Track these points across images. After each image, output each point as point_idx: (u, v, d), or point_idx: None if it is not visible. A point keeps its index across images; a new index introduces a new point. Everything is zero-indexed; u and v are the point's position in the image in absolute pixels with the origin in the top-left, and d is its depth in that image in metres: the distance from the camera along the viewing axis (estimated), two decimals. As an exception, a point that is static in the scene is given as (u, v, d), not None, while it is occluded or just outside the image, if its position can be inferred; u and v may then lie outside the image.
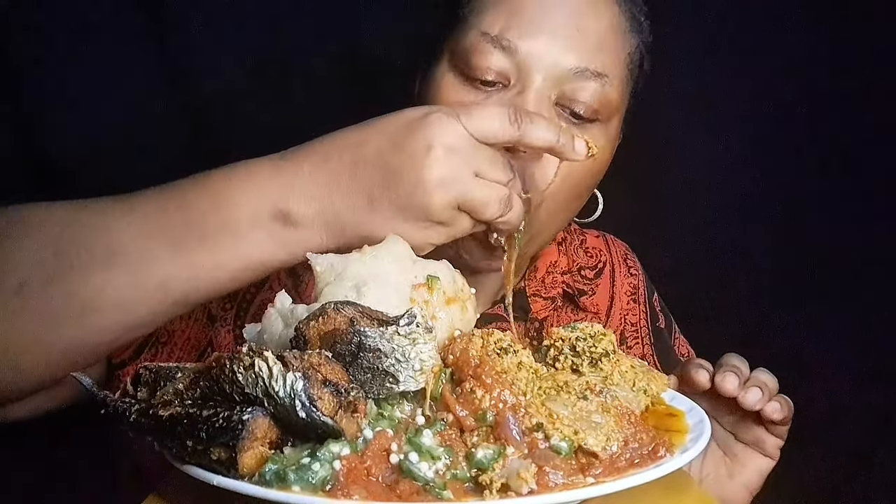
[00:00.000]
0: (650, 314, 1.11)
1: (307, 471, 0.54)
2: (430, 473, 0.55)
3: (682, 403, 0.72)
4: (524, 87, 0.85)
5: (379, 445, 0.56)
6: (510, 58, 0.85)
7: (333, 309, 0.59)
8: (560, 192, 0.87)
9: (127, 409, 0.60)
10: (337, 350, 0.58)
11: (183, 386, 0.59)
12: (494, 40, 0.85)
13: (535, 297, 1.02)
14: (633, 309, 1.09)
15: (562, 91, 0.85)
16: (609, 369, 0.68)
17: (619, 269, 1.11)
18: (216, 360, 0.57)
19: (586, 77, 0.85)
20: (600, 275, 1.09)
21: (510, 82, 0.86)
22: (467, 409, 0.59)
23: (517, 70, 0.85)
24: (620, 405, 0.63)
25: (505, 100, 0.85)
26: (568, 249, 1.08)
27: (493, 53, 0.85)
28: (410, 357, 0.57)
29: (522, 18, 0.85)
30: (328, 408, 0.54)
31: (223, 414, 0.54)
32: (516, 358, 0.63)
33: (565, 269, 1.05)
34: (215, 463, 0.55)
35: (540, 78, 0.85)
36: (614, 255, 1.12)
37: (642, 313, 1.10)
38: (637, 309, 1.09)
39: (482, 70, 0.85)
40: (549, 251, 1.04)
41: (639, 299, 1.10)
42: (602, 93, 0.86)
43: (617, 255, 1.12)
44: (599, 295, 1.07)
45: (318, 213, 0.70)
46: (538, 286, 1.02)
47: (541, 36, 0.84)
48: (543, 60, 0.84)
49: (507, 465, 0.55)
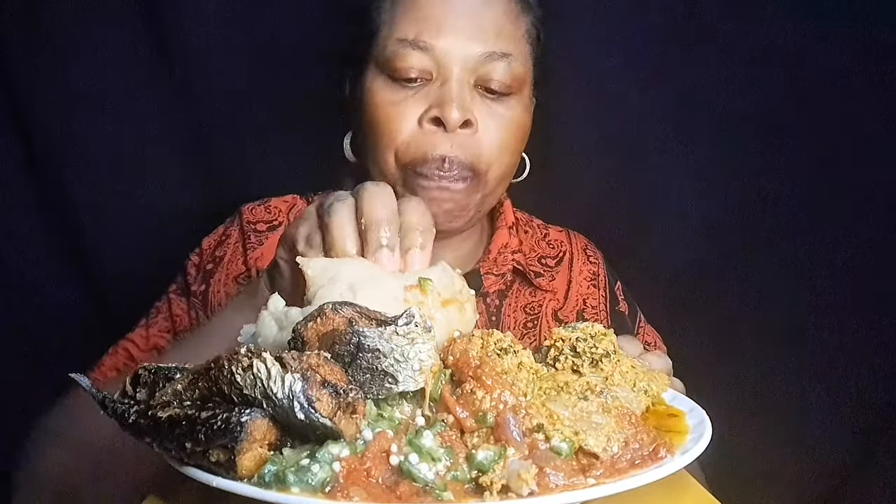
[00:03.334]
0: (610, 299, 1.20)
1: (306, 472, 0.54)
2: (431, 475, 0.55)
3: (683, 404, 0.71)
4: (445, 79, 1.00)
5: (379, 446, 0.56)
6: (429, 56, 1.00)
7: (332, 309, 0.59)
8: (500, 156, 1.03)
9: (126, 410, 0.59)
10: (336, 351, 0.58)
11: (182, 387, 0.59)
12: (412, 44, 1.00)
13: (487, 275, 1.14)
14: (593, 293, 1.19)
15: (477, 75, 1.01)
16: (610, 370, 0.68)
17: (578, 257, 1.23)
18: (215, 362, 0.57)
19: (494, 59, 1.01)
20: (560, 262, 1.21)
21: (432, 77, 1.01)
22: (468, 410, 0.59)
23: (436, 66, 1.00)
24: (621, 406, 0.63)
25: (431, 93, 1.00)
26: (520, 233, 1.20)
27: (413, 55, 1.00)
28: (409, 357, 0.57)
29: (432, 22, 1.00)
30: (327, 409, 0.54)
31: (222, 415, 0.54)
32: (517, 358, 0.63)
33: (516, 248, 1.16)
34: (214, 464, 0.55)
35: (457, 69, 1.00)
36: (574, 246, 1.24)
37: (602, 297, 1.19)
38: (597, 293, 1.19)
39: (406, 71, 1.00)
40: (500, 235, 1.16)
41: (599, 284, 1.20)
42: (510, 69, 1.02)
43: (577, 246, 1.25)
44: (559, 280, 1.18)
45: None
46: (491, 266, 1.14)
47: (450, 34, 0.99)
48: (457, 53, 0.99)
49: (507, 466, 0.55)
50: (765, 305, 1.34)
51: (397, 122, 1.00)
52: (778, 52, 1.27)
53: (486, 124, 1.01)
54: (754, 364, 1.34)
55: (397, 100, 1.01)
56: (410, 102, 1.00)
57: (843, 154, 1.28)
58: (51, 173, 1.33)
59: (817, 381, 1.33)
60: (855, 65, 1.25)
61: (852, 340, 1.31)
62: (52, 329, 1.37)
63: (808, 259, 1.31)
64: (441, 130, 0.99)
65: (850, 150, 1.28)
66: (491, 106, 1.02)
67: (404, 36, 1.00)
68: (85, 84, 1.30)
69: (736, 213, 1.33)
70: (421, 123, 1.00)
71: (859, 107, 1.25)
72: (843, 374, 1.33)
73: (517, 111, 1.05)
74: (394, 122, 1.00)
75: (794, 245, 1.32)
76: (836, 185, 1.29)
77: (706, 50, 1.30)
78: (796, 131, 1.29)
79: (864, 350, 1.31)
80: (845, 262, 1.30)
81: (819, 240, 1.30)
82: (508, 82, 1.02)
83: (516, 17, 1.05)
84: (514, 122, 1.05)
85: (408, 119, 1.00)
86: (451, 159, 0.99)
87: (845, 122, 1.27)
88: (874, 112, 1.25)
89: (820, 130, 1.28)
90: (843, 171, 1.29)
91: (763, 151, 1.31)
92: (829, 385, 1.33)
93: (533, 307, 1.13)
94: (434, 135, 0.99)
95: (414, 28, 1.00)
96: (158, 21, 1.30)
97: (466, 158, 1.00)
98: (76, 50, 1.30)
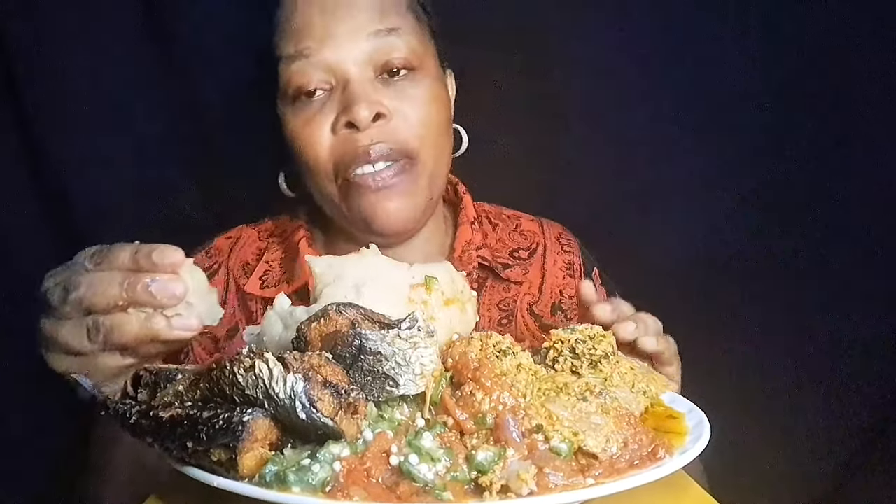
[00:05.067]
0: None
1: (307, 472, 0.54)
2: (430, 475, 0.55)
3: (682, 405, 0.72)
4: (345, 82, 0.98)
5: (379, 447, 0.56)
6: (318, 64, 0.97)
7: (335, 311, 0.60)
8: (426, 134, 1.00)
9: (127, 410, 0.60)
10: (338, 352, 0.58)
11: (183, 388, 0.59)
12: (297, 57, 0.98)
13: None
14: (569, 283, 1.16)
15: (373, 63, 0.98)
16: (608, 371, 0.68)
17: (552, 247, 1.19)
18: (216, 362, 0.57)
19: (382, 37, 0.98)
20: (533, 254, 1.18)
21: (332, 84, 0.99)
22: (467, 411, 0.59)
23: (330, 70, 0.98)
24: (620, 407, 0.63)
25: (335, 101, 0.98)
26: (485, 227, 1.17)
27: (302, 69, 0.98)
28: (411, 361, 0.58)
29: (309, 28, 0.98)
30: (328, 409, 0.54)
31: (223, 415, 0.54)
32: (515, 360, 0.63)
33: (480, 244, 1.13)
34: (216, 464, 0.55)
35: (351, 66, 0.98)
36: (547, 236, 1.20)
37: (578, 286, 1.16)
38: (573, 282, 1.16)
39: (302, 87, 0.98)
40: (462, 232, 1.13)
41: (574, 273, 1.17)
42: (403, 43, 0.99)
43: (550, 236, 1.21)
44: (533, 272, 1.15)
45: None
46: (456, 264, 1.08)
47: (330, 32, 0.97)
48: (344, 50, 0.97)
49: (507, 466, 0.55)
50: (764, 305, 1.34)
51: (314, 139, 0.99)
52: (782, 51, 1.28)
53: (398, 109, 0.98)
54: (754, 364, 1.34)
55: (308, 118, 0.99)
56: (319, 117, 0.99)
57: (847, 153, 1.28)
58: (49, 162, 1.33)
59: (816, 382, 1.33)
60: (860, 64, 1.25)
61: (852, 341, 1.31)
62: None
63: (808, 259, 1.32)
64: (356, 131, 0.97)
65: (854, 149, 1.28)
66: (399, 89, 0.99)
67: (287, 53, 0.99)
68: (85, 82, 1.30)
69: (736, 213, 1.34)
70: (336, 132, 0.98)
71: (863, 105, 1.25)
72: (842, 374, 1.33)
73: (427, 85, 1.02)
74: (311, 141, 0.99)
75: (794, 245, 1.32)
76: (839, 183, 1.29)
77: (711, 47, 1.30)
78: (799, 131, 1.29)
79: (864, 351, 1.31)
80: (845, 262, 1.30)
81: (818, 240, 1.30)
82: (406, 56, 0.99)
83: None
84: (428, 96, 1.01)
85: (322, 133, 0.99)
86: (376, 149, 0.97)
87: (849, 120, 1.27)
88: (878, 113, 1.25)
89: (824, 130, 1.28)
90: (846, 171, 1.29)
91: (766, 150, 1.31)
92: (829, 386, 1.33)
93: (507, 303, 1.11)
94: (351, 137, 0.97)
95: (293, 42, 0.98)
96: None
97: (392, 145, 0.98)
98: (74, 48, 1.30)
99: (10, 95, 1.30)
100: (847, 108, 1.28)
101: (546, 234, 1.21)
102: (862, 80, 1.26)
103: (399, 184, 0.99)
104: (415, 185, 1.01)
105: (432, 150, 1.02)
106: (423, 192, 1.02)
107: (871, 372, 1.31)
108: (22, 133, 1.32)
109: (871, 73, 1.25)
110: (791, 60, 1.28)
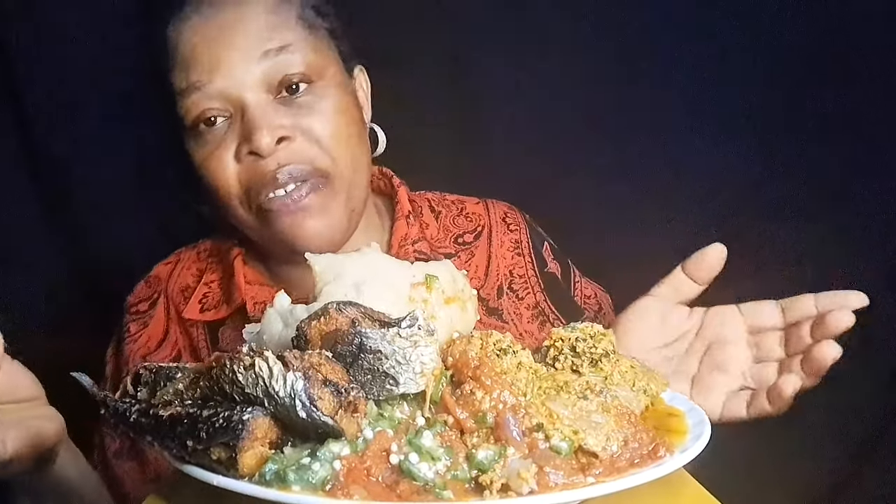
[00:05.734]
0: (537, 262, 1.15)
1: (307, 471, 0.54)
2: (431, 474, 0.55)
3: (682, 403, 0.72)
4: (242, 108, 0.95)
5: (379, 446, 0.56)
6: (212, 94, 0.94)
7: (336, 309, 0.59)
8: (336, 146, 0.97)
9: (127, 409, 0.60)
10: (338, 350, 0.58)
11: (183, 386, 0.59)
12: (191, 90, 0.95)
13: None
14: (518, 262, 1.14)
15: (270, 85, 0.95)
16: (609, 369, 0.68)
17: (497, 228, 1.16)
18: (216, 360, 0.57)
19: (273, 56, 0.95)
20: (479, 237, 1.15)
21: (230, 111, 0.96)
22: (467, 410, 0.59)
23: (225, 99, 0.95)
24: (620, 405, 0.63)
25: (235, 129, 0.95)
26: (424, 218, 1.15)
27: (197, 100, 0.95)
28: (411, 359, 0.57)
29: (197, 60, 0.95)
30: (328, 408, 0.54)
31: (223, 414, 0.54)
32: (516, 358, 0.63)
33: (416, 237, 1.10)
34: (215, 463, 0.55)
35: (247, 92, 0.94)
36: (492, 217, 1.18)
37: (528, 264, 1.14)
38: (522, 261, 1.14)
39: (199, 118, 0.95)
40: (398, 228, 1.10)
41: (523, 251, 1.15)
42: (297, 59, 0.96)
43: (496, 216, 1.18)
44: (478, 255, 1.13)
45: None
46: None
47: (219, 61, 0.94)
48: (236, 77, 0.94)
49: (507, 465, 0.55)
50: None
51: (220, 169, 0.96)
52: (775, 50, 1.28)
53: (302, 127, 0.95)
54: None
55: (210, 149, 0.96)
56: (222, 147, 0.96)
57: (842, 152, 1.28)
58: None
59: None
60: (858, 66, 1.25)
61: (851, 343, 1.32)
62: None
63: (806, 260, 1.32)
64: (261, 158, 0.94)
65: (849, 148, 1.28)
66: (300, 106, 0.96)
67: (180, 86, 0.96)
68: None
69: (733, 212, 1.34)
70: (241, 160, 0.96)
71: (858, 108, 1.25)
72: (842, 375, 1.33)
73: (331, 95, 0.98)
74: (217, 172, 0.96)
75: (792, 246, 1.32)
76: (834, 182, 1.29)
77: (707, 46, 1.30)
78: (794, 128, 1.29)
79: (864, 353, 1.31)
80: (843, 263, 1.30)
81: (816, 242, 1.30)
82: (303, 71, 0.96)
83: (276, 7, 0.98)
84: (333, 108, 0.98)
85: (227, 162, 0.96)
86: (284, 172, 0.94)
87: (844, 120, 1.27)
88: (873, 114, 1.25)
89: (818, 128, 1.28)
90: (843, 171, 1.29)
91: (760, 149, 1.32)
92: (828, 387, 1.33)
93: None
94: (256, 164, 0.94)
95: (184, 75, 0.96)
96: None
97: (301, 165, 0.95)
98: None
99: (10, 97, 1.31)
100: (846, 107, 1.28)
101: (491, 214, 1.18)
102: (865, 79, 1.27)
103: (315, 202, 0.96)
104: (333, 200, 0.98)
105: (346, 161, 0.98)
106: (342, 206, 0.99)
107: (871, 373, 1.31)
108: (22, 136, 1.32)
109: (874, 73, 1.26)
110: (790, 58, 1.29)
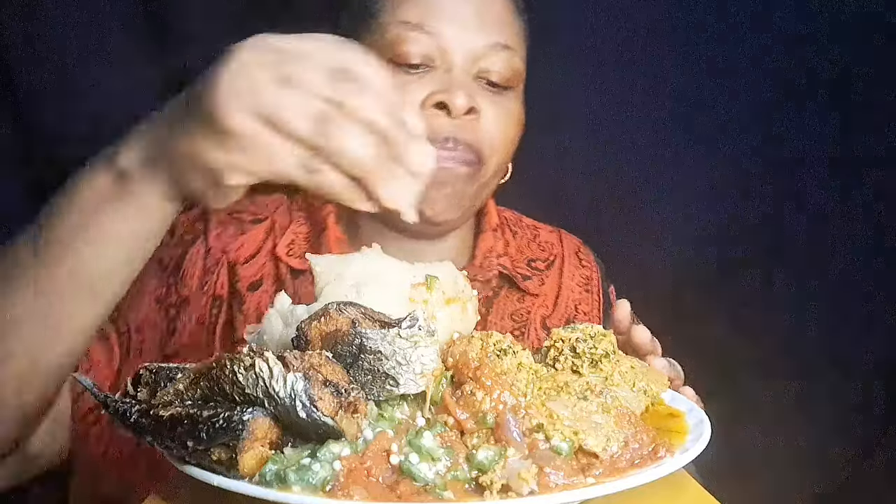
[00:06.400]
0: (604, 302, 1.16)
1: (307, 471, 0.54)
2: (431, 474, 0.55)
3: (682, 404, 0.72)
4: (449, 67, 0.98)
5: (379, 446, 0.56)
6: (433, 42, 0.97)
7: (336, 309, 0.59)
8: (501, 146, 1.02)
9: (127, 409, 0.60)
10: (338, 351, 0.58)
11: (183, 386, 0.59)
12: (417, 27, 0.97)
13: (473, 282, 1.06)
14: (585, 298, 1.15)
15: (478, 67, 1.00)
16: (609, 370, 0.68)
17: (570, 261, 1.18)
18: (217, 361, 0.57)
19: (497, 50, 1.00)
20: (551, 266, 1.16)
21: (434, 64, 0.99)
22: (467, 411, 0.59)
23: (440, 52, 0.98)
24: (621, 406, 0.63)
25: (435, 79, 0.98)
26: (506, 235, 1.16)
27: (417, 40, 0.97)
28: (411, 360, 0.57)
29: (436, 8, 0.98)
30: (329, 408, 0.54)
31: (224, 414, 0.54)
32: (516, 359, 0.63)
33: (501, 252, 1.12)
34: (216, 463, 0.55)
35: (460, 58, 0.98)
36: (566, 249, 1.19)
37: (595, 302, 1.16)
38: (590, 298, 1.15)
39: (409, 56, 0.97)
40: (484, 239, 1.12)
41: (592, 289, 1.16)
42: (511, 63, 1.01)
43: (569, 248, 1.20)
44: (549, 284, 1.14)
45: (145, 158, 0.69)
46: (476, 271, 1.09)
47: (455, 21, 0.98)
48: (461, 41, 0.98)
49: (507, 465, 0.55)
50: (765, 307, 1.34)
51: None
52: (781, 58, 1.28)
53: (487, 114, 1.00)
54: (754, 366, 1.34)
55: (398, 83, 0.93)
56: (413, 86, 0.97)
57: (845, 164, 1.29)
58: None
59: (816, 384, 1.33)
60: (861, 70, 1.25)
61: (851, 345, 1.32)
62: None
63: (807, 265, 1.32)
64: (444, 114, 0.97)
65: (852, 160, 1.29)
66: (491, 97, 1.01)
67: (408, 19, 0.98)
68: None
69: (735, 221, 1.34)
70: (424, 107, 0.97)
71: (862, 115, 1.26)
72: (842, 376, 1.33)
73: (515, 105, 1.04)
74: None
75: (794, 252, 1.32)
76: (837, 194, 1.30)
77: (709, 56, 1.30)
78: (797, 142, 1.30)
79: (863, 355, 1.32)
80: (843, 269, 1.30)
81: (817, 246, 1.30)
82: (508, 75, 1.01)
83: (515, 13, 1.05)
84: (513, 115, 1.04)
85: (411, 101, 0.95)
86: (457, 140, 0.97)
87: (847, 130, 1.27)
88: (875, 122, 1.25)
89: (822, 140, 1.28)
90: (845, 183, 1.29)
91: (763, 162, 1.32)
92: (829, 388, 1.34)
93: (521, 314, 1.09)
94: (438, 118, 0.97)
95: (417, 12, 0.98)
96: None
97: (472, 142, 0.99)
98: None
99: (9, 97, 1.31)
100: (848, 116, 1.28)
101: (565, 246, 1.20)
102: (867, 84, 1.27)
103: (460, 177, 0.99)
104: (470, 186, 1.01)
105: (497, 162, 1.03)
106: (471, 198, 1.03)
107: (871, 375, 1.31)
108: (22, 137, 1.32)
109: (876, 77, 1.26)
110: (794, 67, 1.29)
